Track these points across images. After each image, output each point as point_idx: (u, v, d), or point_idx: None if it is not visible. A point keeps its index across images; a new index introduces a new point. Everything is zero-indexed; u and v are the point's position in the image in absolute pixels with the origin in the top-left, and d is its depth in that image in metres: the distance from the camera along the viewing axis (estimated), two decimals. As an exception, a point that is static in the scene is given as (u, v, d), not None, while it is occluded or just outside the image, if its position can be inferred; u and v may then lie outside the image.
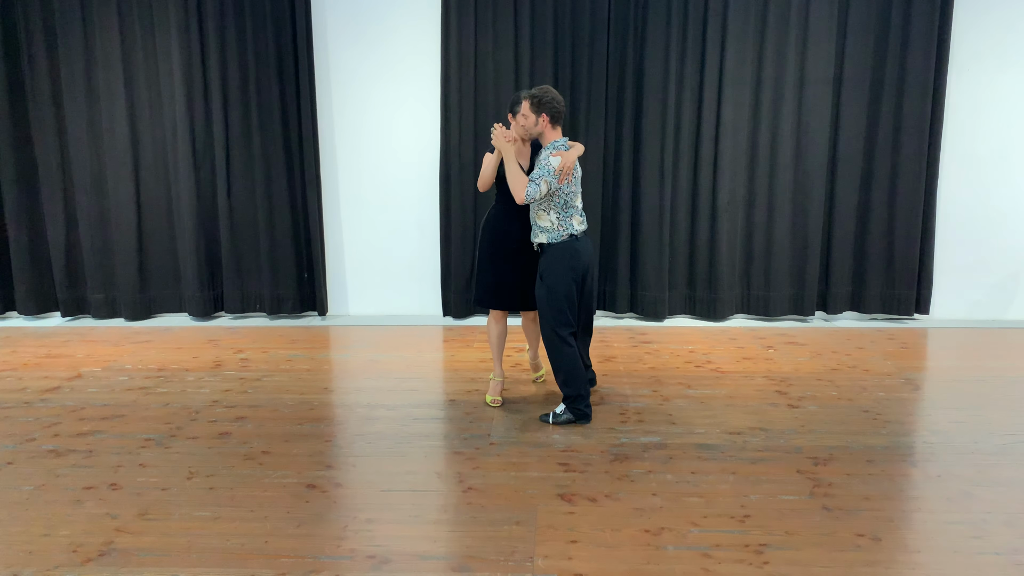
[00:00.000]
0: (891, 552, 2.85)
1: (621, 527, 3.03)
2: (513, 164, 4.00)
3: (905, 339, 5.99)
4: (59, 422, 4.26)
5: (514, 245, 4.28)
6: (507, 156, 4.03)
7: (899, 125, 6.29)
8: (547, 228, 4.08)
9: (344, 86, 6.58)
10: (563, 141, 4.04)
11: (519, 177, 3.96)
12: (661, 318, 6.57)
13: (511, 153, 4.04)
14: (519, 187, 3.93)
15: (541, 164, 3.95)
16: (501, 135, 4.07)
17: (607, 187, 6.52)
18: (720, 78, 6.28)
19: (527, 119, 4.03)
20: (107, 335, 6.30)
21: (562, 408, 4.18)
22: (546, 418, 4.20)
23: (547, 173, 3.91)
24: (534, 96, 3.99)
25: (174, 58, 6.38)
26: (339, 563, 2.79)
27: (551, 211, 4.04)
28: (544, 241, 4.10)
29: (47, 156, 6.60)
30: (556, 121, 4.04)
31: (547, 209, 4.04)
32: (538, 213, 4.08)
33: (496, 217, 4.34)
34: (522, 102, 4.06)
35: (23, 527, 3.08)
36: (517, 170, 3.98)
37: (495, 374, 4.54)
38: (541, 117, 4.00)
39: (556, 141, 4.03)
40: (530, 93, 4.02)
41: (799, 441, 3.91)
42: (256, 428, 4.14)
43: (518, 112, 4.09)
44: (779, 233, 6.45)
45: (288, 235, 6.64)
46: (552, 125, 4.04)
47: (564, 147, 4.02)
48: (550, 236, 4.07)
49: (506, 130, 4.12)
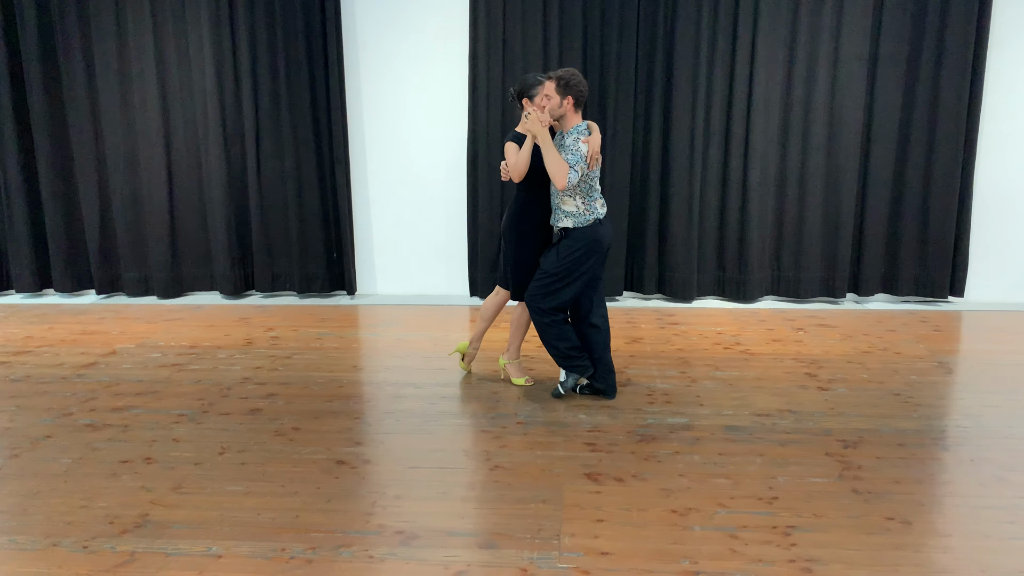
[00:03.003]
0: (921, 536, 2.82)
1: (648, 507, 3.03)
2: (552, 149, 3.86)
3: (938, 322, 5.89)
4: (95, 397, 4.36)
5: (540, 234, 4.18)
6: (544, 141, 3.88)
7: (936, 103, 6.16)
8: (573, 213, 4.01)
9: (373, 67, 6.58)
10: (584, 126, 3.97)
11: (561, 163, 3.84)
12: (689, 299, 6.53)
13: (548, 138, 3.89)
14: (561, 173, 3.82)
15: (571, 150, 3.87)
16: (538, 119, 3.89)
17: (635, 166, 6.46)
18: (752, 55, 6.18)
19: (550, 100, 3.92)
20: (141, 312, 6.41)
21: (564, 375, 4.19)
22: (557, 393, 4.23)
23: (581, 159, 3.86)
24: (560, 78, 3.89)
25: (204, 39, 6.43)
26: (368, 538, 2.82)
27: (577, 196, 3.98)
28: (570, 225, 4.02)
29: (81, 137, 6.70)
30: (579, 105, 3.97)
31: (573, 195, 3.98)
32: (563, 199, 4.01)
33: (521, 210, 4.15)
34: (542, 84, 3.95)
35: (62, 498, 3.16)
36: (557, 155, 3.85)
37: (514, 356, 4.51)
38: (566, 100, 3.92)
39: (579, 125, 3.97)
40: (556, 75, 3.91)
41: (829, 423, 3.88)
42: (286, 405, 4.20)
43: (535, 96, 3.98)
44: (811, 213, 6.36)
45: (317, 214, 6.69)
46: (575, 108, 3.96)
47: (587, 132, 3.95)
48: (576, 220, 4.01)
49: (543, 114, 3.93)
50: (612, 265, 6.50)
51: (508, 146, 4.05)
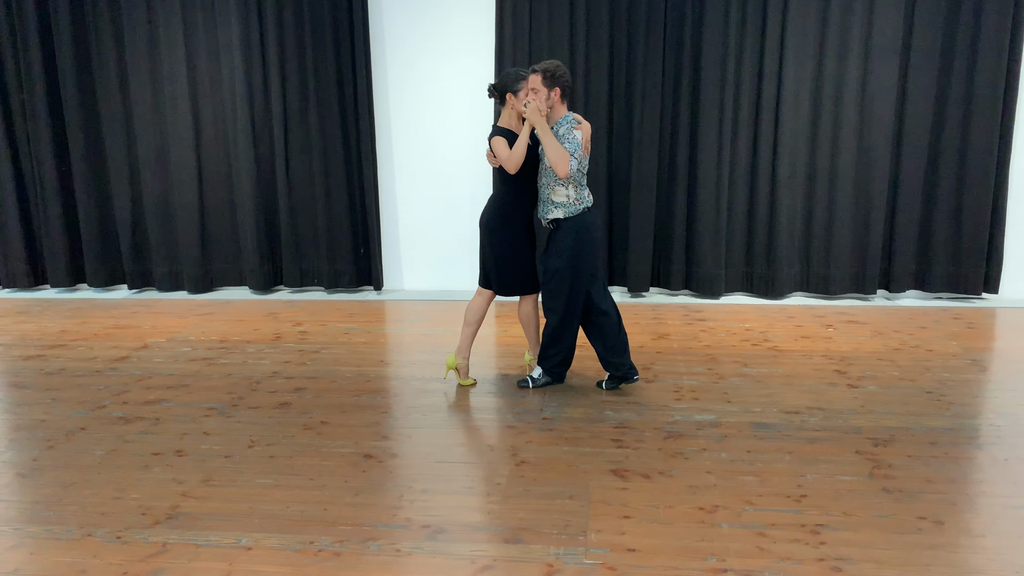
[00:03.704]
0: (954, 536, 2.78)
1: (675, 504, 3.02)
2: (552, 138, 3.85)
3: (972, 319, 5.79)
4: (127, 390, 4.43)
5: (526, 227, 4.18)
6: (544, 130, 3.87)
7: (970, 96, 6.04)
8: (563, 203, 4.02)
9: (399, 62, 6.60)
10: (571, 116, 4.00)
11: (562, 151, 3.85)
12: (717, 295, 6.48)
13: (547, 127, 3.88)
14: (563, 162, 3.84)
15: (567, 138, 3.90)
16: (537, 108, 3.87)
17: (663, 160, 6.42)
18: (781, 46, 6.10)
19: (538, 93, 3.91)
20: (171, 307, 6.50)
21: (539, 372, 4.30)
22: (525, 383, 4.30)
23: (578, 146, 3.90)
24: (546, 70, 3.90)
25: (233, 36, 6.49)
26: (395, 532, 2.84)
27: (568, 185, 4.00)
28: (560, 216, 4.04)
29: (113, 134, 6.80)
30: (565, 96, 3.99)
31: (566, 184, 4.00)
32: (555, 189, 4.03)
33: (506, 204, 4.14)
34: (525, 79, 3.96)
35: (95, 490, 3.21)
36: (558, 144, 3.86)
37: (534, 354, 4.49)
38: (554, 91, 3.93)
39: (567, 115, 4.00)
40: (541, 67, 3.92)
41: (858, 421, 3.83)
42: (315, 399, 4.23)
43: (519, 91, 3.98)
44: (841, 209, 6.28)
45: (344, 210, 6.73)
46: (561, 100, 3.98)
47: (575, 121, 3.99)
48: (567, 211, 4.03)
49: (542, 103, 3.90)
50: (638, 261, 6.47)
51: (496, 140, 4.00)
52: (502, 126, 4.09)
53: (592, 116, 6.31)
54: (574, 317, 4.14)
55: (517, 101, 4.02)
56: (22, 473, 3.38)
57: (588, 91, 6.31)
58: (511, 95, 4.03)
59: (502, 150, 3.98)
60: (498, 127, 4.09)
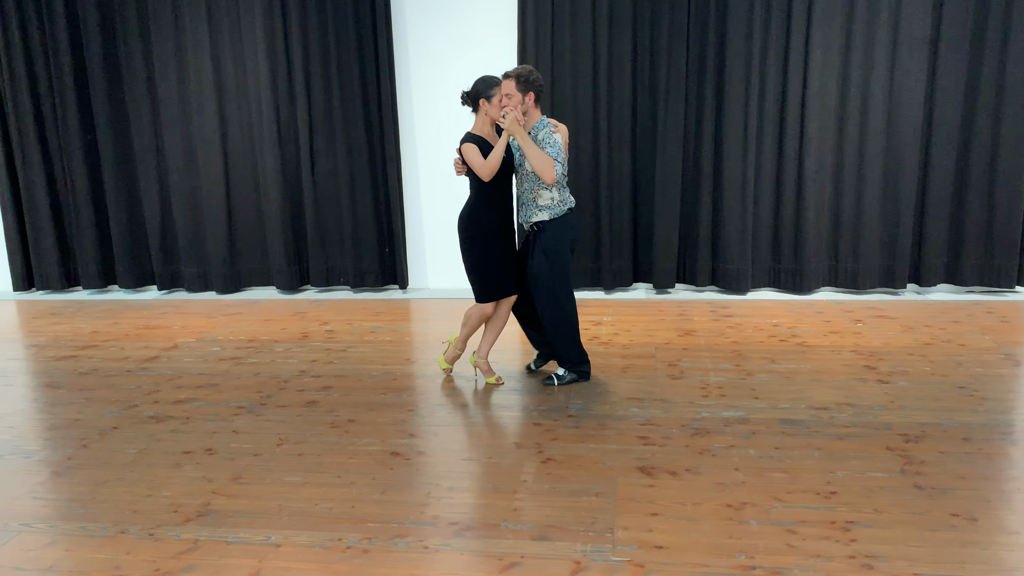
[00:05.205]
0: (988, 533, 2.73)
1: (702, 501, 3.00)
2: (533, 146, 3.89)
3: (1005, 312, 5.69)
4: (158, 390, 4.49)
5: (500, 233, 4.18)
6: (525, 140, 3.91)
7: (1001, 87, 5.93)
8: (548, 206, 4.10)
9: (422, 62, 6.62)
10: (546, 119, 4.06)
11: (545, 157, 3.89)
12: (744, 291, 6.43)
13: (527, 136, 3.93)
14: (548, 167, 3.88)
15: (549, 142, 3.95)
16: (515, 119, 3.91)
17: (688, 155, 6.38)
18: (807, 38, 6.03)
19: (511, 99, 3.94)
20: (200, 307, 6.58)
21: (564, 371, 4.32)
22: (551, 381, 4.32)
23: (560, 149, 3.93)
24: (520, 75, 3.94)
25: (258, 38, 6.55)
26: (422, 529, 2.86)
27: (552, 188, 4.06)
28: (545, 218, 4.11)
29: (142, 138, 6.90)
30: (539, 100, 4.04)
31: (550, 188, 4.06)
32: (539, 193, 4.08)
33: (479, 211, 4.15)
34: (498, 84, 3.98)
35: (128, 488, 3.26)
36: (539, 150, 3.89)
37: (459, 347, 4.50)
38: (527, 96, 3.97)
39: (543, 120, 4.05)
40: (514, 73, 3.95)
41: (889, 417, 3.78)
42: (342, 397, 4.27)
43: (492, 96, 4.00)
44: (869, 202, 6.20)
45: (370, 210, 6.77)
46: (535, 104, 4.03)
47: (551, 125, 4.04)
48: (552, 212, 4.10)
49: (518, 112, 3.93)
50: (664, 258, 6.44)
51: (468, 147, 4.00)
52: (475, 133, 4.10)
53: (616, 112, 6.29)
54: (570, 313, 4.20)
55: (491, 107, 4.05)
56: (57, 472, 3.44)
57: (611, 87, 6.28)
58: (484, 101, 4.07)
59: (474, 158, 3.99)
60: (470, 134, 4.10)
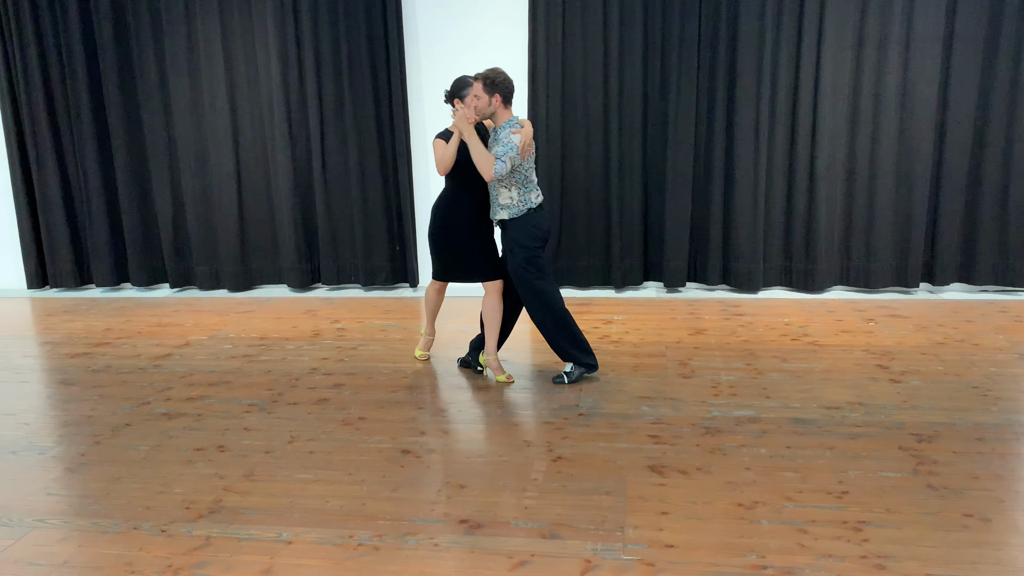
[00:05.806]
0: (1002, 534, 2.71)
1: (713, 500, 2.99)
2: (477, 143, 4.05)
3: (1019, 312, 5.65)
4: (170, 387, 4.52)
5: (467, 226, 4.33)
6: (470, 136, 4.07)
7: (1017, 86, 5.88)
8: (508, 204, 4.20)
9: (433, 60, 6.63)
10: (515, 120, 4.14)
11: (486, 156, 4.03)
12: (755, 290, 6.40)
13: (474, 133, 4.08)
14: (487, 165, 4.02)
15: (503, 142, 4.05)
16: (464, 116, 4.10)
17: (698, 154, 6.36)
18: (819, 36, 5.99)
19: (479, 100, 4.10)
20: (212, 305, 6.61)
21: (571, 367, 4.33)
22: (560, 379, 4.33)
23: (511, 150, 4.02)
24: (487, 78, 4.08)
25: (269, 37, 6.57)
26: (433, 526, 2.86)
27: (512, 188, 4.17)
28: (505, 217, 4.22)
29: (154, 137, 6.94)
30: (508, 102, 4.15)
31: (508, 186, 4.17)
32: (499, 191, 4.20)
33: (447, 202, 4.37)
34: (471, 85, 4.15)
35: (141, 484, 3.29)
36: (483, 149, 4.05)
37: (426, 332, 4.83)
38: (494, 98, 4.10)
39: (510, 120, 4.14)
40: (482, 75, 4.10)
41: (901, 417, 3.76)
42: (353, 395, 4.28)
43: (466, 95, 4.17)
44: (882, 201, 6.16)
45: (380, 208, 6.79)
46: (504, 105, 4.14)
47: (518, 125, 4.11)
48: (511, 212, 4.21)
49: (468, 111, 4.13)
50: (675, 256, 6.42)
51: (436, 142, 4.24)
52: (450, 129, 4.28)
53: (627, 109, 6.28)
54: (553, 307, 4.23)
55: (463, 105, 4.22)
56: (70, 468, 3.47)
57: (622, 84, 6.26)
58: (458, 100, 4.25)
59: (436, 151, 4.21)
60: (446, 130, 4.29)
